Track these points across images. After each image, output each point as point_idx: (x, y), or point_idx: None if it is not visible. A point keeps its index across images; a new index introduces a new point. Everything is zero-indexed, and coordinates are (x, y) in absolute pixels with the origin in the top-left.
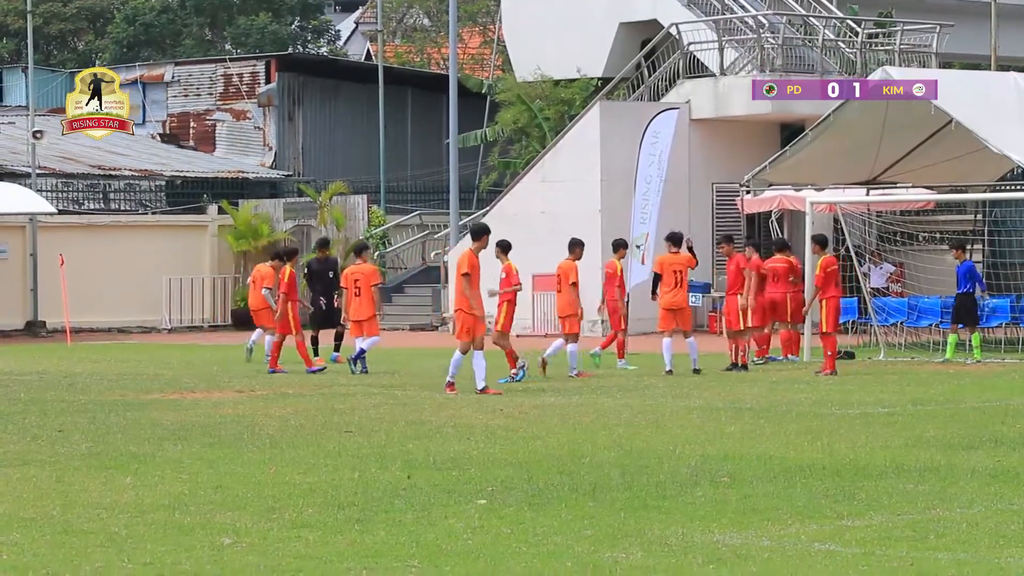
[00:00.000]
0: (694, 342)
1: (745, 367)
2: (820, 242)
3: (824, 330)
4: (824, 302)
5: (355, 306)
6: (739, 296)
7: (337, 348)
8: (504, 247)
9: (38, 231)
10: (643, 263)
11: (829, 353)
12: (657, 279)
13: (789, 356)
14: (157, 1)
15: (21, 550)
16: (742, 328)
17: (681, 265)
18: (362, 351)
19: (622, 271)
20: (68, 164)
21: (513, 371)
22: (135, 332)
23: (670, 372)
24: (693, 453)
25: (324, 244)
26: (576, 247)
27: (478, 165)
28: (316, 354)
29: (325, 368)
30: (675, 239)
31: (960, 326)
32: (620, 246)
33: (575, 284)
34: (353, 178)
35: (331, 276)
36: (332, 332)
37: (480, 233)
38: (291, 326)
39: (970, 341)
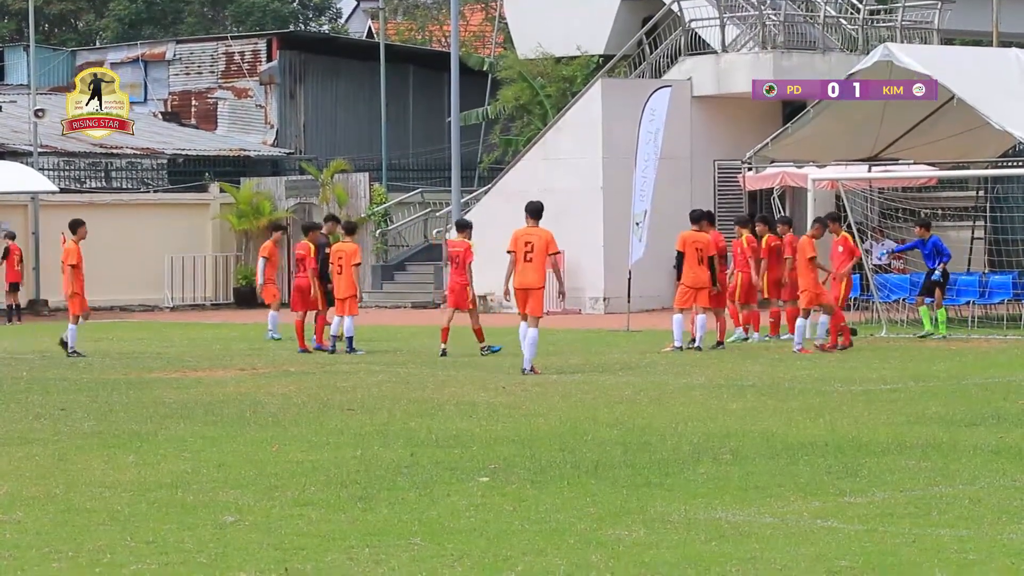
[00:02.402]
0: (704, 319)
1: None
2: (768, 222)
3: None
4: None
5: (337, 284)
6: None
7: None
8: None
9: (40, 210)
10: (641, 240)
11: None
12: (680, 257)
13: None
14: None
15: (24, 529)
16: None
17: (703, 243)
18: (350, 340)
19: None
20: (70, 143)
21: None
22: (137, 311)
23: (679, 348)
24: (695, 430)
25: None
26: (816, 224)
27: (480, 143)
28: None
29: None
30: (695, 217)
31: (928, 300)
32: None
33: (812, 259)
34: (355, 156)
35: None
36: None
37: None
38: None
39: (936, 316)
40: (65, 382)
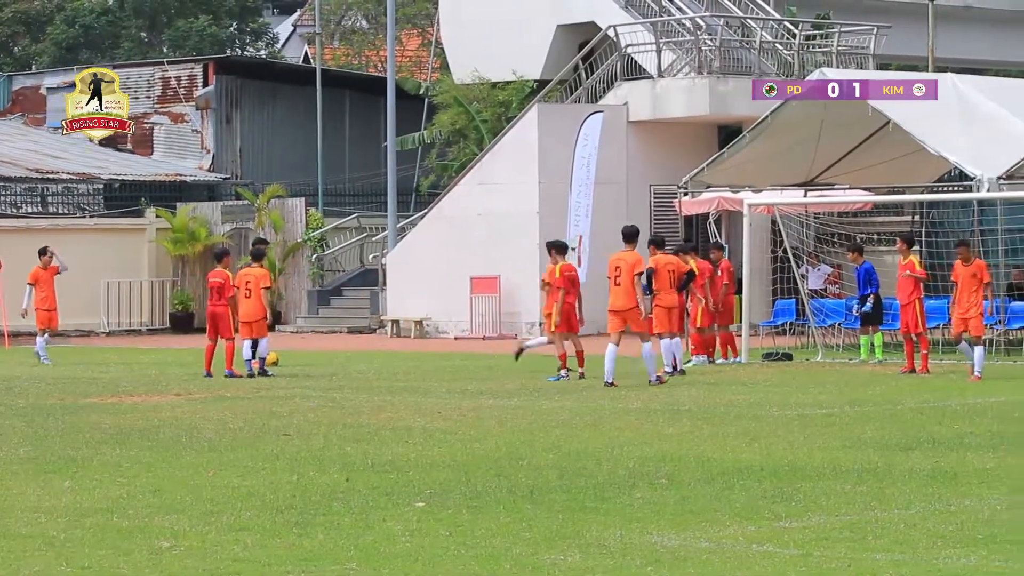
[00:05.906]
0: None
1: (676, 369)
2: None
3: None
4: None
5: (245, 307)
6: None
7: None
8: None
9: None
10: (579, 265)
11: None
12: (651, 276)
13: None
14: (96, 3)
15: None
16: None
17: (673, 265)
18: (263, 361)
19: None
20: (5, 167)
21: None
22: (73, 335)
23: (672, 372)
24: (631, 455)
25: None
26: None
27: (416, 167)
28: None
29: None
30: (658, 242)
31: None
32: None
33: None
34: (291, 181)
35: None
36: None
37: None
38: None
39: (872, 341)
40: (0, 407)
